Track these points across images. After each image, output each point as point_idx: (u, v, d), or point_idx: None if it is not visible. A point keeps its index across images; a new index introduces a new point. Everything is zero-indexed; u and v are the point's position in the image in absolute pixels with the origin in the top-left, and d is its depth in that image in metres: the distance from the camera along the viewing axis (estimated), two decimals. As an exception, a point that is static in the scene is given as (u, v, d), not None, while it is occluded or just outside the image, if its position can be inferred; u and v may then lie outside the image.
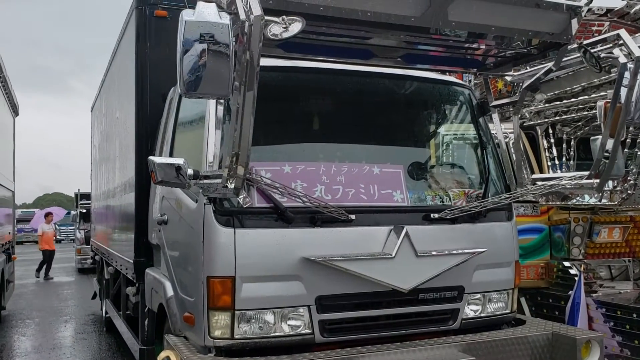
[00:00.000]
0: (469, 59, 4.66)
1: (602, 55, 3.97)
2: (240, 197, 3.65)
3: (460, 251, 4.12)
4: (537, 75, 4.35)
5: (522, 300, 7.15)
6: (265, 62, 3.80)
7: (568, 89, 6.67)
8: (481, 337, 4.06)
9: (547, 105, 6.81)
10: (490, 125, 4.88)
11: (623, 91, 3.88)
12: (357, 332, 3.97)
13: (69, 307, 13.48)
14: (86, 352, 8.91)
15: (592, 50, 4.05)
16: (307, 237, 3.81)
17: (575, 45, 4.03)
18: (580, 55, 3.98)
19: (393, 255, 3.88)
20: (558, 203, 6.59)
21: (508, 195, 4.34)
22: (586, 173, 4.09)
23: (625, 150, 5.74)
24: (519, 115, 7.17)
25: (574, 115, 6.46)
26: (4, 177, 11.65)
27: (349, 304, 3.91)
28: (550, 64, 4.26)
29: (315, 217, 3.81)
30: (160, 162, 3.49)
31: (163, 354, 3.91)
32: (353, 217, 3.88)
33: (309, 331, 3.82)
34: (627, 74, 3.81)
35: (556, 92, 6.85)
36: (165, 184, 3.58)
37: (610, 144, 3.98)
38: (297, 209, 3.76)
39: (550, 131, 7.03)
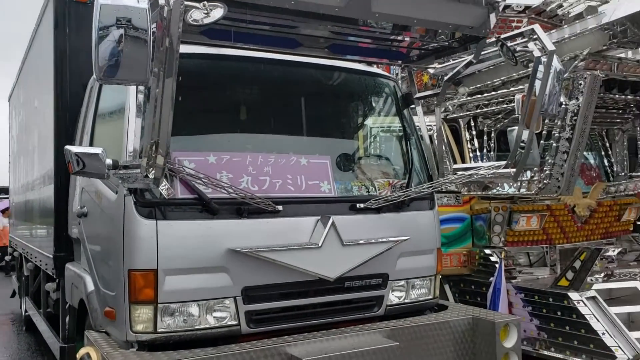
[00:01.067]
0: (394, 51, 4.74)
1: (518, 49, 4.14)
2: (162, 188, 3.57)
3: (384, 239, 4.19)
4: (458, 67, 4.48)
5: (446, 287, 7.39)
6: (189, 49, 3.78)
7: (489, 82, 6.93)
8: (405, 323, 4.16)
9: (469, 98, 7.04)
10: (415, 118, 4.99)
11: (537, 84, 4.05)
12: (284, 321, 3.98)
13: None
14: (4, 352, 8.48)
15: (509, 44, 4.21)
16: (233, 228, 3.78)
17: (493, 39, 4.17)
18: (497, 48, 4.13)
19: (320, 245, 3.91)
20: (479, 193, 6.84)
21: (429, 185, 4.46)
22: (503, 163, 4.26)
23: (542, 141, 6.02)
24: (443, 108, 7.42)
25: (494, 108, 6.71)
26: None
27: (275, 294, 3.91)
28: (470, 57, 4.40)
29: (242, 208, 3.78)
30: (77, 152, 3.36)
31: (83, 351, 3.78)
32: (280, 208, 3.87)
33: (235, 322, 3.80)
34: (541, 67, 3.99)
35: (478, 85, 7.10)
36: (83, 175, 3.46)
37: (525, 135, 4.15)
38: (223, 200, 3.72)
39: (472, 123, 7.28)
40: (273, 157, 4.08)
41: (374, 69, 4.95)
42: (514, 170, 4.19)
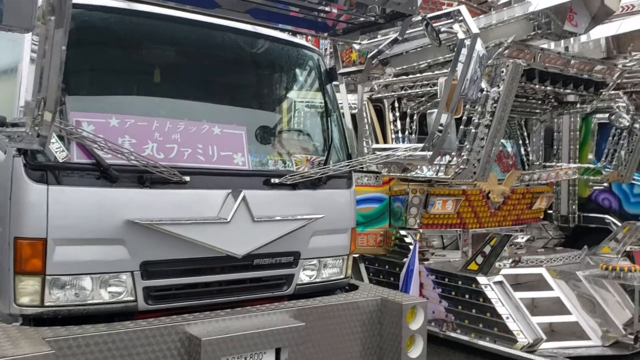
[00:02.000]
0: (320, 23, 4.56)
1: (443, 29, 4.07)
2: (56, 150, 3.27)
3: (298, 217, 4.06)
4: (383, 45, 4.37)
5: (362, 266, 7.41)
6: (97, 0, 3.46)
7: (415, 64, 6.88)
8: (313, 303, 4.07)
9: (394, 79, 6.98)
10: (338, 94, 4.85)
11: (460, 67, 4.01)
12: (187, 299, 3.78)
13: None
14: None
15: (435, 25, 4.13)
16: (134, 198, 3.52)
17: (419, 18, 4.08)
18: (423, 28, 4.04)
19: (228, 219, 3.72)
20: (398, 174, 6.85)
21: (347, 164, 4.35)
22: (420, 145, 4.21)
23: (461, 127, 6.05)
24: (369, 88, 7.34)
25: (418, 90, 6.69)
26: None
27: (178, 270, 3.70)
28: (396, 35, 4.29)
29: (144, 177, 3.52)
30: None
31: (-42, 325, 3.44)
32: (187, 178, 3.64)
33: (132, 298, 3.56)
34: (464, 51, 3.93)
35: (404, 67, 7.05)
36: None
37: (444, 118, 4.10)
38: (124, 167, 3.45)
39: (397, 105, 7.25)
40: (183, 124, 3.82)
41: (298, 40, 4.76)
42: (431, 153, 4.14)
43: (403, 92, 6.97)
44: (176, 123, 3.80)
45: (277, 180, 4.03)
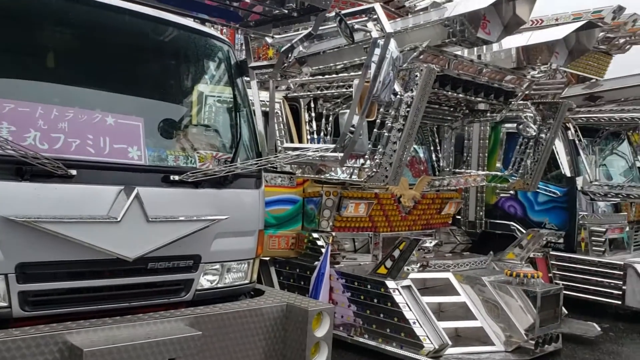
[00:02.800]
0: (232, 13, 4.32)
1: (357, 27, 3.94)
2: None
3: (198, 218, 3.79)
4: (296, 39, 4.19)
5: (272, 270, 7.20)
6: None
7: (332, 65, 6.77)
8: (212, 310, 3.82)
9: (310, 78, 6.83)
10: (249, 90, 4.62)
11: (373, 68, 3.90)
12: (71, 304, 3.43)
13: None
14: None
15: (349, 22, 4.00)
16: (10, 192, 3.13)
17: (333, 14, 3.93)
18: (336, 24, 3.89)
19: (119, 219, 3.40)
20: (312, 176, 6.70)
21: (255, 162, 4.13)
22: (332, 146, 4.07)
23: (375, 130, 5.98)
24: (285, 86, 7.16)
25: (334, 91, 6.57)
26: None
27: (60, 273, 3.34)
28: (309, 30, 4.12)
29: (23, 169, 3.14)
30: None
31: None
32: (74, 172, 3.30)
33: (5, 304, 3.18)
34: (377, 51, 3.83)
35: (321, 67, 6.92)
36: None
37: (356, 120, 3.98)
38: None
39: (312, 105, 7.11)
40: (72, 111, 3.46)
41: (206, 29, 4.48)
42: (342, 154, 4.00)
43: (319, 92, 6.83)
44: (64, 110, 3.44)
45: (176, 178, 3.74)
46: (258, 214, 4.36)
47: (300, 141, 7.03)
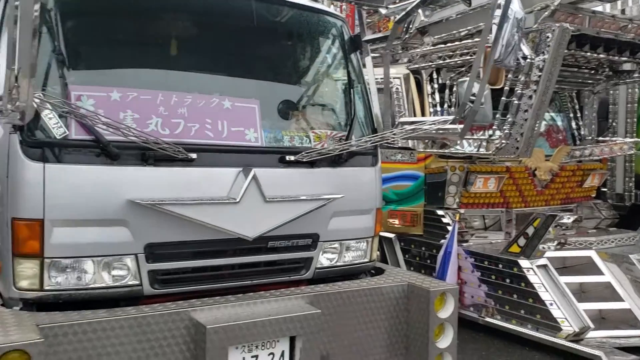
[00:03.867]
0: (341, -13, 4.21)
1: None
2: (53, 126, 3.11)
3: (314, 197, 3.77)
4: (409, 8, 3.98)
5: (397, 248, 7.09)
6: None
7: (455, 32, 6.43)
8: (331, 288, 3.80)
9: (432, 48, 6.55)
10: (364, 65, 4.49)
11: (494, 30, 3.60)
12: (196, 283, 3.58)
13: None
14: None
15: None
16: (136, 177, 3.30)
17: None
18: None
19: (237, 200, 3.47)
20: (435, 150, 6.45)
21: (369, 139, 4.01)
22: (450, 118, 3.83)
23: (503, 98, 5.60)
24: (407, 59, 6.93)
25: (457, 60, 6.23)
26: None
27: (185, 252, 3.48)
28: (422, -3, 3.90)
29: (147, 154, 3.30)
30: None
31: (-36, 307, 3.34)
32: (194, 156, 3.40)
33: (137, 282, 3.38)
34: (498, 12, 3.52)
35: (444, 35, 6.60)
36: None
37: (477, 87, 3.71)
38: (125, 143, 3.23)
39: (435, 76, 6.83)
40: (190, 97, 3.56)
41: (318, 5, 4.41)
42: (461, 127, 3.76)
43: (441, 62, 6.53)
44: (183, 96, 3.55)
45: (292, 158, 3.74)
46: (375, 191, 4.26)
47: (422, 114, 6.80)
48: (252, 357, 3.40)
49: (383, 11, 4.40)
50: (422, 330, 3.98)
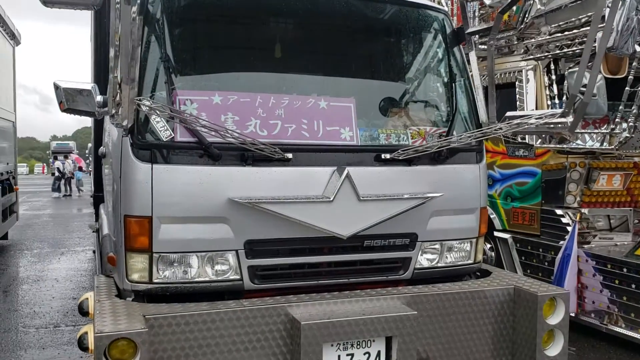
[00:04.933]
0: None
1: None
2: (160, 129, 3.32)
3: (410, 196, 3.70)
4: (512, -3, 3.77)
5: (513, 250, 6.77)
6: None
7: (574, 19, 5.99)
8: (430, 290, 3.70)
9: (548, 37, 6.16)
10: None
11: (607, 15, 3.31)
12: (293, 279, 3.65)
13: (72, 238, 13.61)
14: (68, 284, 8.91)
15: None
16: (236, 176, 3.44)
17: (554, -40, 3.43)
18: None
19: (331, 199, 3.49)
20: (553, 146, 6.06)
21: (468, 135, 3.85)
22: (558, 111, 3.58)
23: (627, 88, 5.15)
24: (523, 50, 6.58)
25: (576, 49, 5.82)
26: (2, 109, 11.52)
27: (282, 249, 3.57)
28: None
29: (246, 155, 3.42)
30: (66, 87, 3.13)
31: (84, 295, 3.67)
32: (290, 156, 3.48)
33: (238, 277, 3.52)
34: (611, -5, 3.24)
35: (561, 23, 6.18)
36: (73, 113, 3.23)
37: (588, 77, 3.44)
38: (225, 145, 3.38)
39: (553, 67, 6.41)
40: (287, 98, 3.65)
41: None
42: (571, 120, 3.50)
43: (559, 51, 6.13)
44: (280, 98, 3.64)
45: (388, 156, 3.70)
46: (479, 190, 4.09)
47: (537, 107, 6.42)
48: (348, 355, 3.40)
49: (487, 1, 4.20)
50: (529, 336, 3.77)
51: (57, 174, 29.92)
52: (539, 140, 6.30)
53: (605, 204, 6.34)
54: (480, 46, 7.03)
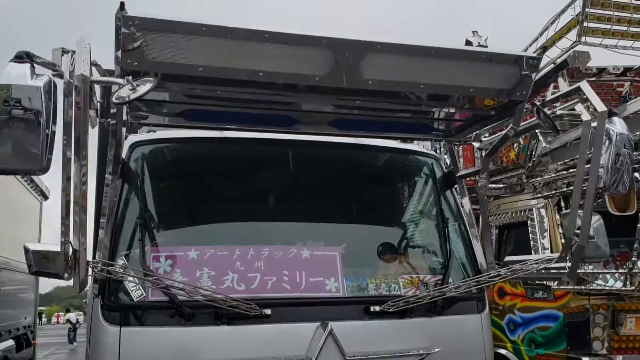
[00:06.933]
0: (425, 125, 4.08)
1: (561, 112, 3.31)
2: (132, 289, 3.18)
3: (403, 353, 3.38)
4: (497, 141, 3.70)
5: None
6: (164, 134, 3.44)
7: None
8: None
9: (554, 175, 6.04)
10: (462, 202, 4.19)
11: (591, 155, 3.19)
12: None
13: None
14: None
15: (557, 109, 3.41)
16: (210, 337, 3.21)
17: (530, 105, 3.40)
18: (535, 116, 3.34)
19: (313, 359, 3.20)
20: (570, 287, 5.68)
21: (461, 283, 3.59)
22: (555, 255, 3.33)
23: (639, 225, 4.88)
24: (531, 189, 6.45)
25: (584, 186, 5.63)
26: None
27: None
28: (509, 127, 3.61)
29: (220, 312, 3.21)
30: (34, 250, 3.05)
31: None
32: (268, 311, 3.25)
33: None
34: (592, 134, 3.14)
35: (567, 160, 6.10)
36: (41, 275, 3.12)
37: (582, 218, 3.24)
38: (198, 303, 3.19)
39: (563, 204, 6.21)
40: (267, 249, 3.51)
41: (407, 146, 4.29)
42: (569, 265, 3.25)
43: (566, 189, 5.96)
44: (260, 249, 3.50)
45: (377, 308, 3.44)
46: (482, 342, 3.73)
47: (551, 248, 6.13)
48: None
49: (476, 145, 4.16)
50: None
51: (70, 325, 29.58)
52: (555, 281, 5.93)
53: (638, 350, 5.77)
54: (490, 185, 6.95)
